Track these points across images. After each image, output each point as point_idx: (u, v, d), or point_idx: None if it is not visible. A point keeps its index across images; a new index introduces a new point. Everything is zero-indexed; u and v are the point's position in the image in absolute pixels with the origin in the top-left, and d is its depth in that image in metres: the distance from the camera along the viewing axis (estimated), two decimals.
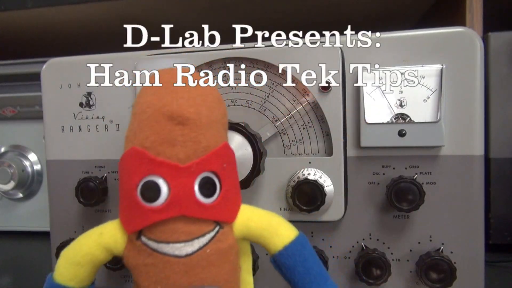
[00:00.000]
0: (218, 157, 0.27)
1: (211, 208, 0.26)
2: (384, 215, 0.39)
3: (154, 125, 0.26)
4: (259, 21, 0.73)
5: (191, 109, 0.26)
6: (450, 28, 0.37)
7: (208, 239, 0.26)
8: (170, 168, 0.25)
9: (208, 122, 0.26)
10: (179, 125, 0.26)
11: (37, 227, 0.66)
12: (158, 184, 0.25)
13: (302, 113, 0.40)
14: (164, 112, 0.26)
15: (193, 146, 0.26)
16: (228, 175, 0.27)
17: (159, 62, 0.42)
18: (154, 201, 0.26)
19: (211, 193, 0.26)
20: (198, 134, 0.26)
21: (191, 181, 0.26)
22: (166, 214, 0.25)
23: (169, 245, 0.26)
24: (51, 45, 0.84)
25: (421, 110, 0.37)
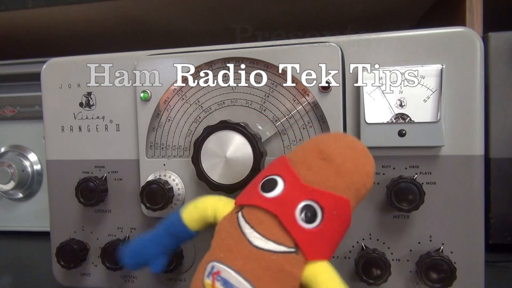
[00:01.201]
0: (333, 200, 0.29)
1: (300, 230, 0.28)
2: (384, 215, 0.39)
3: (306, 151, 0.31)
4: (259, 21, 0.73)
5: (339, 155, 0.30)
6: (450, 28, 0.37)
7: (280, 250, 0.28)
8: (293, 177, 0.29)
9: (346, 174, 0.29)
10: (323, 160, 0.30)
11: (37, 227, 0.66)
12: (278, 182, 0.29)
13: (302, 113, 0.40)
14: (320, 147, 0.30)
15: (321, 179, 0.29)
16: (333, 222, 0.29)
17: (159, 62, 0.42)
18: (267, 192, 0.29)
19: (310, 221, 0.28)
20: (332, 174, 0.29)
21: (300, 197, 0.29)
22: (266, 205, 0.29)
23: (251, 229, 0.28)
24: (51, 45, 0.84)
25: (421, 110, 0.37)
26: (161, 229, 0.33)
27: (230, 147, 0.38)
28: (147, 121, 0.43)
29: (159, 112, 0.43)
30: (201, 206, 0.32)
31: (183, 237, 0.33)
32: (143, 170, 0.43)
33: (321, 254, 0.29)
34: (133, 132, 0.44)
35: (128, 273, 0.45)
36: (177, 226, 0.33)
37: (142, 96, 0.43)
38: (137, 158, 0.44)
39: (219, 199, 0.32)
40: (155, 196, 0.40)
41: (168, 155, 0.43)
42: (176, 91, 0.42)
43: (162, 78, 0.42)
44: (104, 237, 0.45)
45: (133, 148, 0.44)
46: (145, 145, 0.43)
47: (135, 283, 0.45)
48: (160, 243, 0.33)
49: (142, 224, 0.44)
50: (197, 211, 0.32)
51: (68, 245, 0.44)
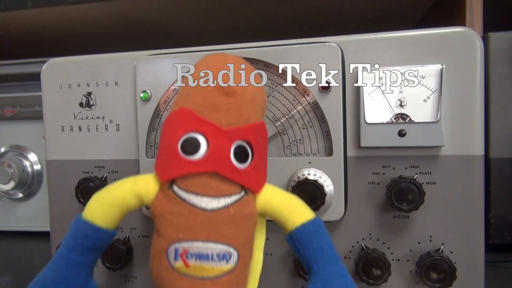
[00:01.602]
0: (254, 131, 0.29)
1: (241, 173, 0.28)
2: (384, 215, 0.39)
3: (204, 92, 0.29)
4: (259, 21, 0.73)
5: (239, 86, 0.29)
6: (450, 28, 0.37)
7: (233, 200, 0.28)
8: (213, 128, 0.28)
9: (251, 99, 0.30)
10: (226, 96, 0.29)
11: (37, 227, 0.66)
12: (199, 140, 0.28)
13: (302, 113, 0.40)
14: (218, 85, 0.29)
15: (235, 116, 0.29)
16: (260, 150, 0.30)
17: (159, 62, 0.42)
18: (192, 155, 0.28)
19: (244, 160, 0.29)
20: (241, 106, 0.29)
21: (229, 144, 0.28)
22: (202, 167, 0.27)
23: (197, 197, 0.27)
24: (51, 45, 0.84)
25: (421, 110, 0.37)
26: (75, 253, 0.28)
27: None
28: (147, 121, 0.43)
29: (159, 112, 0.43)
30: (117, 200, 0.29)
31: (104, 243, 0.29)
32: (143, 170, 0.43)
33: (263, 181, 0.30)
34: (133, 132, 0.44)
35: (128, 273, 0.45)
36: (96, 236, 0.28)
37: (142, 96, 0.43)
38: (137, 158, 0.44)
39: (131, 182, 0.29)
40: None
41: None
42: (176, 91, 0.42)
43: (162, 78, 0.42)
44: None
45: (133, 148, 0.44)
46: (145, 145, 0.43)
47: (135, 283, 0.45)
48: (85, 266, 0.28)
49: (142, 224, 0.44)
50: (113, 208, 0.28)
51: None
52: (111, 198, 0.29)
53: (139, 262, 0.44)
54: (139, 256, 0.44)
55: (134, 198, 0.29)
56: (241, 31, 0.79)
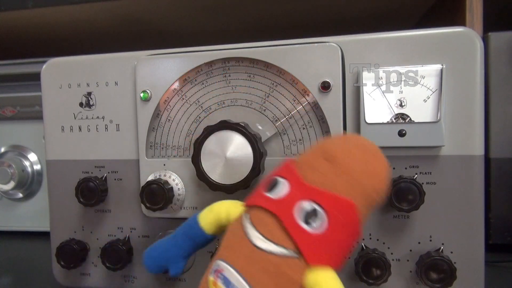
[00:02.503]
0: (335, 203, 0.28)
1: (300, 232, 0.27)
2: (384, 215, 0.39)
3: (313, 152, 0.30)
4: (259, 21, 0.73)
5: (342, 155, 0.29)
6: (450, 28, 0.37)
7: (281, 252, 0.27)
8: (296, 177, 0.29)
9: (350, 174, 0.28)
10: (326, 160, 0.29)
11: (37, 227, 0.66)
12: (281, 183, 0.29)
13: (302, 113, 0.40)
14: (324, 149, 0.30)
15: (324, 180, 0.28)
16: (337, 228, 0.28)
17: (159, 62, 0.42)
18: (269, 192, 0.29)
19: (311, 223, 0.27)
20: (335, 176, 0.28)
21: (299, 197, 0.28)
22: (267, 204, 0.28)
23: (253, 229, 0.28)
24: (51, 45, 0.84)
25: (421, 110, 0.37)
26: (180, 232, 0.34)
27: (230, 147, 0.38)
28: (147, 121, 0.43)
29: (159, 112, 0.43)
30: (216, 209, 0.33)
31: (200, 241, 0.33)
32: (143, 170, 0.43)
33: (324, 260, 0.27)
34: (133, 132, 0.44)
35: (128, 273, 0.45)
36: (195, 229, 0.33)
37: (142, 96, 0.43)
38: (137, 158, 0.44)
39: (234, 203, 0.33)
40: (155, 196, 0.40)
41: (168, 155, 0.43)
42: (176, 91, 0.42)
43: (162, 78, 0.42)
44: (104, 237, 0.45)
45: (133, 148, 0.44)
46: (145, 145, 0.43)
47: (135, 283, 0.45)
48: (180, 247, 0.33)
49: (142, 224, 0.44)
50: (212, 214, 0.32)
51: (68, 245, 0.44)
52: (215, 207, 0.33)
53: (139, 262, 0.44)
54: (139, 256, 0.44)
55: (226, 213, 0.32)
56: (241, 31, 0.79)
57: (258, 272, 0.27)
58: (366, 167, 0.29)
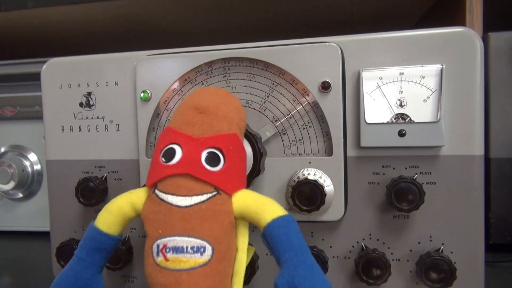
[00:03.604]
0: (225, 139, 0.33)
1: (213, 174, 0.31)
2: (384, 215, 0.39)
3: (183, 112, 0.34)
4: (259, 21, 0.73)
5: (212, 104, 0.34)
6: (450, 28, 0.37)
7: (205, 198, 0.31)
8: (185, 138, 0.33)
9: (223, 115, 0.34)
10: (200, 113, 0.33)
11: (37, 227, 0.66)
12: (175, 149, 0.32)
13: (302, 113, 0.40)
14: (192, 104, 0.34)
15: (207, 128, 0.33)
16: (233, 156, 0.33)
17: (159, 62, 0.42)
18: (169, 161, 0.32)
19: (215, 163, 0.32)
20: (213, 121, 0.33)
21: (200, 150, 0.32)
22: (176, 170, 0.31)
23: (173, 196, 0.31)
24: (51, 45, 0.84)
25: (421, 110, 0.37)
26: (84, 252, 0.33)
27: None
28: (147, 121, 0.43)
29: (159, 112, 0.43)
30: (115, 208, 0.33)
31: (110, 247, 0.33)
32: (143, 170, 0.43)
33: (237, 186, 0.33)
34: (133, 132, 0.44)
35: (128, 273, 0.45)
36: (100, 240, 0.33)
37: (142, 96, 0.43)
38: (137, 158, 0.44)
39: (129, 193, 0.34)
40: None
41: None
42: (176, 91, 0.42)
43: (162, 78, 0.42)
44: None
45: (133, 148, 0.44)
46: (145, 145, 0.43)
47: (135, 283, 0.45)
48: (90, 265, 0.33)
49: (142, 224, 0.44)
50: (112, 215, 0.33)
51: (68, 245, 0.44)
52: (112, 207, 0.33)
53: (139, 262, 0.44)
54: (139, 256, 0.44)
55: (129, 206, 0.33)
56: (241, 31, 0.79)
57: (198, 223, 0.30)
58: (229, 106, 0.35)
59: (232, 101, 0.36)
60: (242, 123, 0.36)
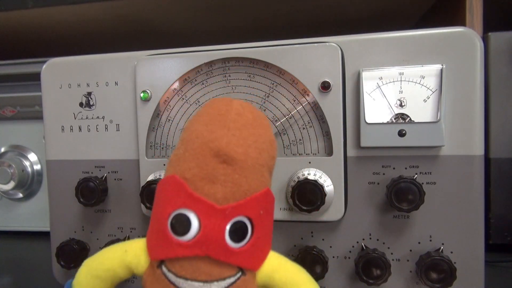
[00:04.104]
0: (256, 204, 0.26)
1: (238, 254, 0.25)
2: (384, 215, 0.39)
3: (199, 158, 0.26)
4: (259, 21, 0.73)
5: (239, 150, 0.26)
6: (450, 28, 0.37)
7: (227, 284, 0.25)
8: (205, 206, 0.25)
9: (254, 165, 0.26)
10: (224, 163, 0.25)
11: (37, 227, 0.66)
12: (190, 219, 0.25)
13: (302, 113, 0.40)
14: (212, 147, 0.25)
15: (233, 188, 0.25)
16: (262, 223, 0.26)
17: (159, 62, 0.42)
18: (182, 235, 0.25)
19: (241, 238, 0.26)
20: (241, 176, 0.25)
21: (224, 224, 0.25)
22: (192, 251, 0.25)
23: (187, 282, 0.25)
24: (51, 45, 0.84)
25: (421, 110, 0.37)
26: None
27: None
28: (147, 121, 0.43)
29: (159, 112, 0.43)
30: (106, 274, 0.27)
31: None
32: (143, 170, 0.43)
33: (264, 256, 0.27)
34: (133, 132, 0.44)
35: None
36: None
37: (142, 96, 0.43)
38: (137, 158, 0.44)
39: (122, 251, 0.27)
40: None
41: (168, 155, 0.43)
42: (176, 91, 0.42)
43: (162, 78, 0.42)
44: (104, 237, 0.45)
45: (133, 148, 0.44)
46: (145, 145, 0.43)
47: (135, 283, 0.45)
48: None
49: (142, 224, 0.44)
50: (101, 280, 0.27)
51: (68, 245, 0.44)
52: (100, 271, 0.27)
53: None
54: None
55: (124, 270, 0.27)
56: (241, 31, 0.79)
57: None
58: (261, 144, 0.26)
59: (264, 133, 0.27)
60: (273, 161, 0.28)
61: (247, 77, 0.41)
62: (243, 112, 0.27)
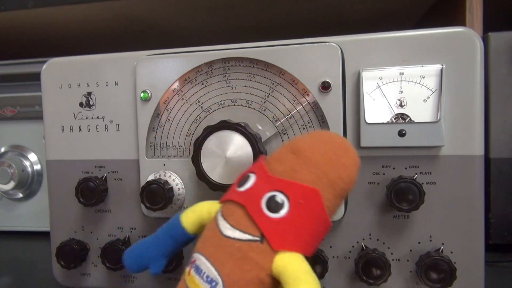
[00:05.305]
0: (300, 191, 0.29)
1: (266, 219, 0.28)
2: (384, 215, 0.39)
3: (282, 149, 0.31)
4: (259, 21, 0.73)
5: (309, 148, 0.30)
6: (450, 28, 0.37)
7: (245, 238, 0.28)
8: (263, 170, 0.30)
9: (316, 165, 0.29)
10: (293, 154, 0.30)
11: (37, 227, 0.66)
12: (250, 177, 0.31)
13: (302, 113, 0.40)
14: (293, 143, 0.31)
15: (290, 171, 0.29)
16: (299, 212, 0.29)
17: (159, 62, 0.42)
18: (240, 187, 0.30)
19: (274, 210, 0.29)
20: (301, 165, 0.29)
21: (267, 188, 0.29)
22: (238, 197, 0.30)
23: (223, 221, 0.30)
24: (51, 45, 0.84)
25: (421, 110, 0.37)
26: (162, 232, 0.34)
27: (230, 147, 0.38)
28: (147, 121, 0.43)
29: (159, 112, 0.43)
30: (198, 210, 0.33)
31: (182, 240, 0.34)
32: (143, 170, 0.43)
33: (289, 245, 0.28)
34: (133, 132, 0.44)
35: (128, 273, 0.45)
36: (177, 229, 0.34)
37: (142, 96, 0.43)
38: (137, 158, 0.44)
39: (214, 203, 0.33)
40: (155, 196, 0.40)
41: (168, 155, 0.43)
42: (176, 91, 0.42)
43: (162, 78, 0.42)
44: (104, 237, 0.45)
45: (133, 148, 0.44)
46: (145, 145, 0.43)
47: (135, 283, 0.45)
48: (161, 245, 0.34)
49: (142, 224, 0.44)
50: (194, 214, 0.33)
51: (68, 245, 0.44)
52: (197, 207, 0.34)
53: None
54: None
55: (207, 213, 0.33)
56: (241, 31, 0.79)
57: (224, 257, 0.28)
58: (331, 158, 0.30)
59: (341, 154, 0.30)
60: (339, 183, 0.30)
61: (247, 77, 0.41)
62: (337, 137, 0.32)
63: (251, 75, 0.41)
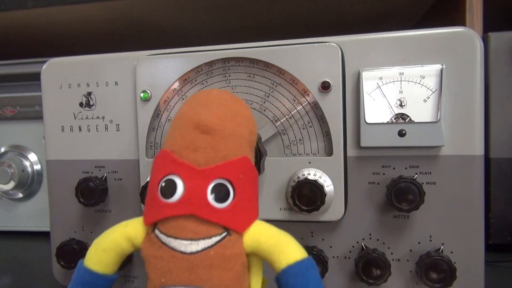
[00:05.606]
0: (234, 167, 0.28)
1: (221, 213, 0.27)
2: (384, 215, 0.39)
3: (183, 132, 0.29)
4: (259, 21, 0.73)
5: (217, 121, 0.29)
6: (450, 28, 0.37)
7: (213, 242, 0.27)
8: (188, 169, 0.28)
9: (231, 134, 0.29)
10: (204, 133, 0.28)
11: (37, 227, 0.66)
12: (176, 182, 0.28)
13: (302, 113, 0.40)
14: (193, 121, 0.29)
15: (213, 154, 0.28)
16: (243, 186, 0.29)
17: (159, 62, 0.42)
18: (170, 198, 0.28)
19: (223, 199, 0.28)
20: (219, 143, 0.28)
21: (205, 184, 0.28)
22: (178, 210, 0.27)
23: (176, 240, 0.27)
24: (51, 45, 0.84)
25: (421, 110, 0.37)
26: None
27: None
28: (147, 121, 0.43)
29: (159, 112, 0.43)
30: (110, 245, 0.29)
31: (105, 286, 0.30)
32: (143, 170, 0.43)
33: (249, 220, 0.28)
34: (133, 132, 0.44)
35: (128, 273, 0.45)
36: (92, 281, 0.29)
37: (142, 96, 0.43)
38: (137, 158, 0.44)
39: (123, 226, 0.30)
40: None
41: None
42: (176, 91, 0.42)
43: (162, 78, 0.42)
44: None
45: (133, 148, 0.44)
46: (145, 145, 0.43)
47: (135, 283, 0.45)
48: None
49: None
50: (107, 253, 0.29)
51: (68, 245, 0.44)
52: (105, 244, 0.30)
53: (139, 262, 0.44)
54: (139, 256, 0.44)
55: (126, 242, 0.29)
56: (241, 31, 0.79)
57: (206, 273, 0.27)
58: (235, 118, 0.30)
59: (240, 111, 0.31)
60: (253, 137, 0.31)
61: (247, 77, 0.41)
62: (221, 94, 0.31)
63: (251, 75, 0.41)
